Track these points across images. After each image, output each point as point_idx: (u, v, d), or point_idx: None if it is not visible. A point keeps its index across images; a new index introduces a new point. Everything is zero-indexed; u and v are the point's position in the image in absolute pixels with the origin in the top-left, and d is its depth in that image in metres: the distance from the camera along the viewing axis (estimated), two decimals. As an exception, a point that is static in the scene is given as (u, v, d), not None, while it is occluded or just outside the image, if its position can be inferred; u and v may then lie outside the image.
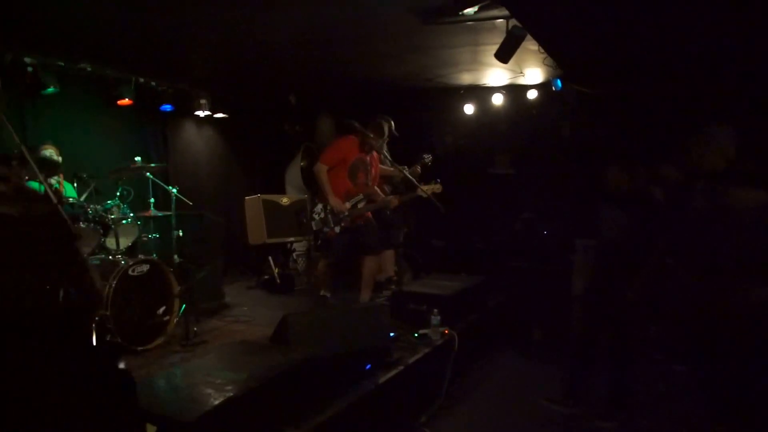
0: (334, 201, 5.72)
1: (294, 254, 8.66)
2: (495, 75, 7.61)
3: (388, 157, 6.31)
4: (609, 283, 4.57)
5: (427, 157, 6.65)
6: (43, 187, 4.88)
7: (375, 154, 6.04)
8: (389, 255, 6.44)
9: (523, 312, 6.75)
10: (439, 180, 5.99)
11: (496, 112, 8.19)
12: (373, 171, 6.05)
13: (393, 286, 6.31)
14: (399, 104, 7.60)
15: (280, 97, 8.87)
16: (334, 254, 5.92)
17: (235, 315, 6.44)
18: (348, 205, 5.81)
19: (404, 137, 6.33)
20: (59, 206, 2.45)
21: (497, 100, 8.04)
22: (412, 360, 4.56)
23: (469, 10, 4.75)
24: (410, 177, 5.95)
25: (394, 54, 6.54)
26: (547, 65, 6.30)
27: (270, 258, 7.95)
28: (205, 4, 4.90)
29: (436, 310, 5.07)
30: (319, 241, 5.98)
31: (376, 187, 6.14)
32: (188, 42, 6.11)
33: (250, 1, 4.84)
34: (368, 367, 4.19)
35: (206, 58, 6.92)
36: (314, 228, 5.91)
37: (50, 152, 5.32)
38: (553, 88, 7.08)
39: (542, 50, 5.54)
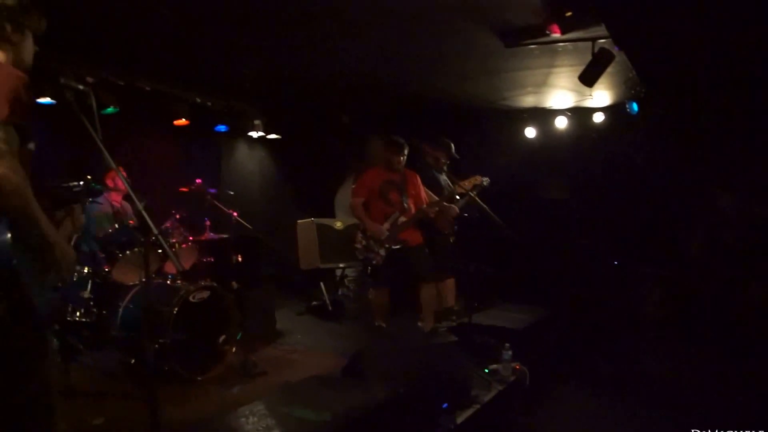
0: (371, 226, 5.72)
1: (345, 280, 8.42)
2: (559, 97, 7.37)
3: (449, 180, 6.12)
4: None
5: (485, 180, 6.40)
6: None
7: (409, 173, 5.95)
8: (449, 284, 6.18)
9: (588, 344, 6.41)
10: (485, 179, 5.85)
11: (558, 135, 7.93)
12: (410, 190, 5.91)
13: (454, 317, 6.04)
14: (455, 125, 7.42)
15: (333, 118, 8.72)
16: (386, 281, 5.80)
17: (290, 343, 6.20)
18: (387, 224, 5.71)
19: (459, 159, 6.21)
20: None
21: (561, 123, 7.79)
22: (487, 398, 4.29)
23: (556, 32, 4.60)
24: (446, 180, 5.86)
25: (465, 75, 6.42)
26: (627, 87, 6.08)
27: (321, 283, 7.72)
28: (262, 24, 4.85)
29: (507, 345, 4.77)
30: (369, 269, 5.87)
31: (425, 207, 5.92)
32: (244, 61, 6.04)
33: (310, 22, 4.77)
34: (445, 405, 3.93)
35: (261, 78, 6.82)
36: (359, 257, 5.83)
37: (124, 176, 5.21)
38: (628, 111, 6.79)
39: (632, 71, 5.31)
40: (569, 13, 4.28)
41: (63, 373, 4.17)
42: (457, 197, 6.08)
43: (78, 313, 4.58)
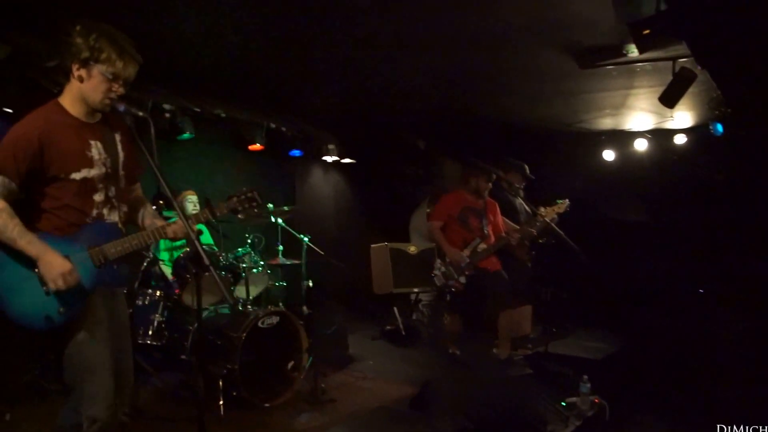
0: (451, 251, 5.62)
1: (420, 305, 8.27)
2: (639, 119, 7.08)
3: (525, 203, 5.93)
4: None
5: (563, 203, 6.14)
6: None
7: (489, 201, 5.85)
8: (526, 311, 5.97)
9: (670, 375, 6.01)
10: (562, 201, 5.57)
11: (637, 157, 7.63)
12: (490, 216, 5.80)
13: (530, 345, 5.81)
14: (530, 148, 7.22)
15: (408, 142, 8.67)
16: (462, 308, 5.67)
17: (361, 369, 6.09)
18: (467, 251, 5.58)
19: (536, 183, 6.06)
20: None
21: (640, 145, 7.49)
22: (565, 434, 4.05)
23: (633, 52, 4.42)
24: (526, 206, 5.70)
25: (539, 97, 6.28)
26: (710, 107, 5.76)
27: (395, 308, 7.61)
28: (335, 52, 4.87)
29: (586, 377, 4.50)
30: (447, 297, 5.72)
31: (505, 234, 5.75)
32: (318, 87, 6.09)
33: (384, 45, 4.74)
34: (519, 442, 3.73)
35: (335, 104, 6.86)
36: (438, 284, 5.71)
37: (192, 198, 5.53)
38: (712, 132, 6.43)
39: (716, 91, 5.02)
40: (647, 32, 4.05)
41: (132, 393, 4.22)
42: (535, 223, 5.87)
43: (149, 336, 4.65)
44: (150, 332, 4.68)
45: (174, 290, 4.87)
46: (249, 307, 4.98)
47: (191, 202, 5.71)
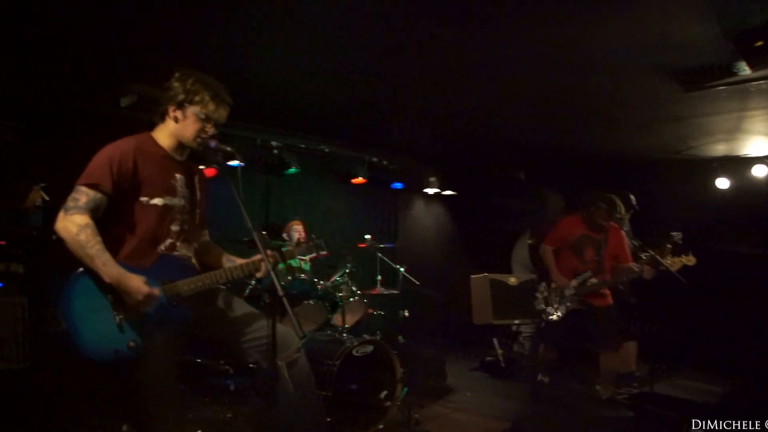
0: (557, 277, 5.50)
1: (520, 337, 8.15)
2: (757, 144, 6.65)
3: (630, 235, 5.73)
4: None
5: (677, 235, 5.86)
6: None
7: (613, 230, 5.52)
8: (631, 347, 5.73)
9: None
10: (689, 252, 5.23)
11: (755, 185, 7.14)
12: (608, 248, 5.48)
13: (635, 384, 5.56)
14: (636, 178, 6.97)
15: (509, 173, 8.62)
16: (558, 340, 5.60)
17: (458, 401, 6.07)
18: (575, 282, 5.41)
19: (643, 213, 5.82)
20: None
21: (759, 171, 7.02)
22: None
23: (745, 70, 4.09)
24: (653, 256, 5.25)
25: (642, 124, 6.02)
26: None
27: (495, 339, 7.54)
28: (433, 88, 4.94)
29: (697, 422, 4.32)
30: (543, 324, 5.64)
31: (621, 273, 5.43)
32: (419, 121, 6.19)
33: (479, 76, 4.75)
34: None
35: (437, 138, 6.96)
36: (536, 307, 5.62)
37: (299, 228, 5.75)
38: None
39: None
40: (760, 43, 3.67)
41: (234, 414, 4.47)
42: (642, 256, 5.64)
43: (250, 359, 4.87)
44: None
45: (275, 317, 5.09)
46: (345, 335, 5.13)
47: (296, 231, 6.00)
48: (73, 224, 2.51)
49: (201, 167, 3.02)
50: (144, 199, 2.68)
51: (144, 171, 2.68)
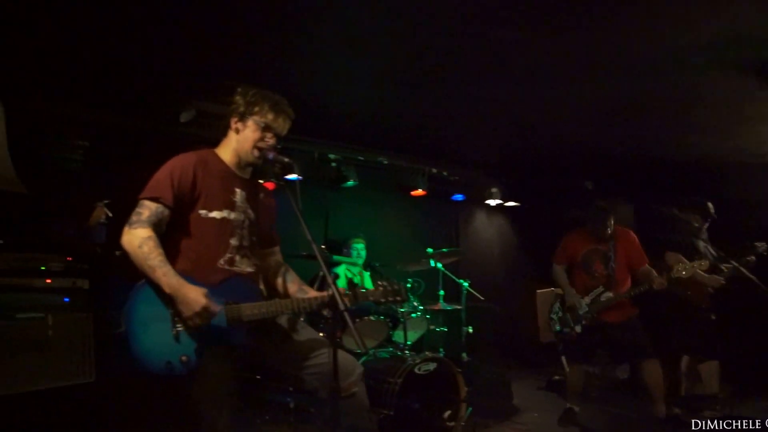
0: (570, 295, 5.31)
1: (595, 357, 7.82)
2: None
3: (709, 245, 5.40)
4: None
5: (761, 246, 5.48)
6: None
7: (621, 236, 5.30)
8: (713, 366, 5.39)
9: None
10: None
11: None
12: (618, 257, 5.22)
13: (718, 406, 5.22)
14: (715, 184, 6.59)
15: (575, 184, 8.34)
16: (582, 357, 5.45)
17: (525, 422, 5.81)
18: (587, 299, 5.17)
19: (724, 222, 5.50)
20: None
21: None
22: None
23: None
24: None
25: (719, 127, 5.73)
26: None
27: (563, 358, 7.24)
28: (496, 91, 4.82)
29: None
30: (563, 346, 5.54)
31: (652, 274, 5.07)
32: (480, 131, 6.06)
33: (546, 81, 4.60)
34: None
35: (498, 147, 6.81)
36: (553, 329, 5.45)
37: (360, 245, 5.74)
38: None
39: None
40: None
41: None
42: (723, 268, 5.31)
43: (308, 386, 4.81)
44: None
45: (336, 333, 5.02)
46: (407, 352, 5.00)
47: (357, 249, 5.96)
48: (136, 237, 2.55)
49: (261, 182, 3.02)
50: (202, 212, 2.70)
51: (203, 184, 2.71)
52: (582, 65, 4.35)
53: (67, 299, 4.02)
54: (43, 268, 4.03)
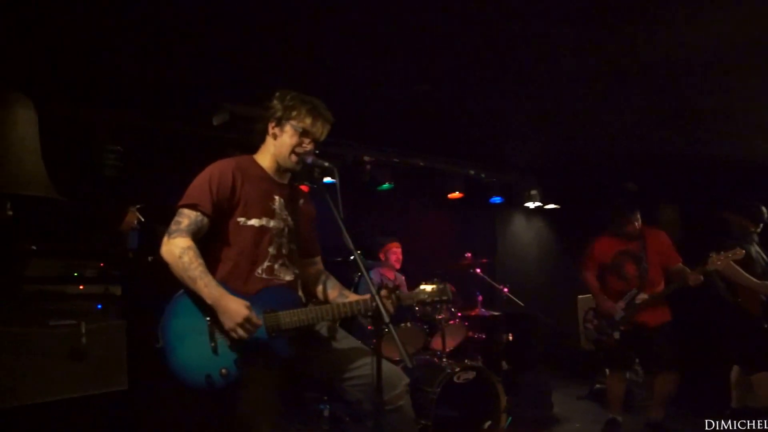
0: (603, 303, 5.08)
1: (635, 363, 7.56)
2: None
3: (761, 251, 5.15)
4: None
5: None
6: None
7: (650, 235, 5.12)
8: (766, 378, 5.11)
9: None
10: None
11: None
12: (650, 255, 5.04)
13: (768, 421, 4.96)
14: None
15: (617, 185, 8.11)
16: (622, 364, 5.25)
17: (567, 432, 5.66)
18: (622, 303, 4.98)
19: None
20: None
21: None
22: None
23: None
24: None
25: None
26: None
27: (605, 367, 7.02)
28: (539, 90, 4.66)
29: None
30: (602, 354, 5.39)
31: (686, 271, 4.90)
32: (523, 133, 5.93)
33: (590, 83, 4.46)
34: None
35: (540, 149, 6.64)
36: (590, 338, 5.30)
37: (393, 251, 5.66)
38: None
39: None
40: None
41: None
42: None
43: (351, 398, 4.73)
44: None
45: (371, 340, 4.92)
46: (444, 360, 4.86)
47: (394, 254, 5.85)
48: (176, 247, 2.50)
49: (300, 187, 2.95)
50: (241, 219, 2.65)
51: (242, 191, 2.66)
52: (638, 66, 4.20)
53: (100, 306, 4.00)
54: (76, 274, 4.01)
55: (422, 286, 2.87)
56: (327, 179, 2.75)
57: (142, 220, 4.61)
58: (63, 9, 3.32)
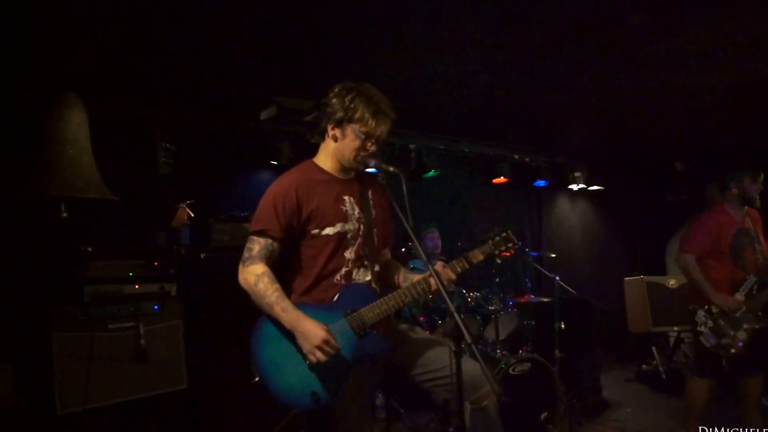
0: (719, 298, 4.10)
1: (682, 345, 7.42)
2: None
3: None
4: None
5: None
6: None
7: (751, 213, 4.35)
8: None
9: None
10: None
11: None
12: (761, 238, 4.31)
13: None
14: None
15: (665, 165, 7.90)
16: (722, 372, 4.14)
17: (618, 419, 5.55)
18: (740, 295, 4.10)
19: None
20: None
21: None
22: None
23: None
24: None
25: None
26: None
27: (653, 348, 6.91)
28: (588, 72, 4.54)
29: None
30: (724, 362, 4.10)
31: None
32: (569, 116, 5.80)
33: (643, 63, 4.32)
34: None
35: (586, 131, 6.48)
36: (707, 345, 4.13)
37: (435, 235, 5.58)
38: None
39: None
40: None
41: (384, 430, 4.36)
42: None
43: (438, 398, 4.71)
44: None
45: (424, 332, 4.88)
46: (498, 351, 4.79)
47: (431, 240, 5.76)
48: (251, 275, 2.50)
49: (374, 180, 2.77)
50: (315, 231, 2.57)
51: (310, 203, 2.56)
52: (692, 49, 4.06)
53: (156, 307, 4.02)
54: (131, 274, 4.02)
55: (487, 237, 2.75)
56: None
57: (193, 216, 4.60)
58: (111, 8, 3.29)
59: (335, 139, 2.60)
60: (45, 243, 4.12)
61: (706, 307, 4.18)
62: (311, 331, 2.38)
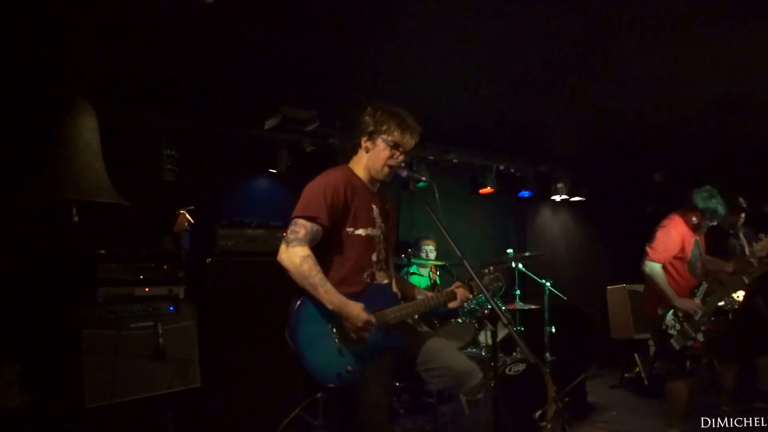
0: (684, 303, 4.40)
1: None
2: None
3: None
4: None
5: None
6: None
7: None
8: None
9: None
10: None
11: None
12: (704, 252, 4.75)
13: None
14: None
15: (644, 176, 8.14)
16: (693, 371, 4.48)
17: (606, 421, 5.73)
18: (697, 300, 4.43)
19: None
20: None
21: None
22: None
23: None
24: None
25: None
26: None
27: (636, 355, 7.10)
28: (579, 91, 4.77)
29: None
30: (688, 363, 4.44)
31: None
32: (552, 126, 6.00)
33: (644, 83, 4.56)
34: None
35: (569, 143, 6.67)
36: (676, 347, 4.41)
37: (430, 248, 5.70)
38: None
39: None
40: None
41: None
42: None
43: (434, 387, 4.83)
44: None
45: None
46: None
47: (429, 251, 5.91)
48: (296, 256, 2.67)
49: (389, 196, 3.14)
50: (350, 229, 2.85)
51: (353, 203, 2.85)
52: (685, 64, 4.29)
53: (172, 308, 4.18)
54: (141, 277, 4.11)
55: (483, 273, 3.12)
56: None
57: (192, 222, 4.70)
58: (118, 18, 3.43)
59: (367, 150, 2.93)
60: (59, 245, 4.19)
61: (672, 311, 4.46)
62: (355, 313, 2.64)
